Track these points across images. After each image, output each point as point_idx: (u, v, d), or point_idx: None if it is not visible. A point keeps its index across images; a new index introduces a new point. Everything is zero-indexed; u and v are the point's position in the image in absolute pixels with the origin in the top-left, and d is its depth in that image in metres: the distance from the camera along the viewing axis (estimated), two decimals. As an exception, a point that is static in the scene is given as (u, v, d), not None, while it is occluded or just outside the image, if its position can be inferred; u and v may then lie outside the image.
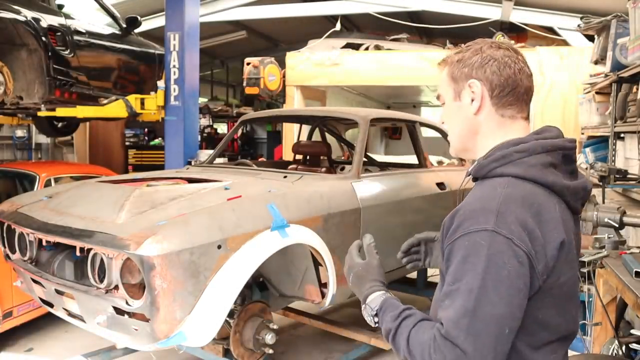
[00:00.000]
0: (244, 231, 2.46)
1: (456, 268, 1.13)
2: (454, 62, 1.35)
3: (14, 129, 7.87)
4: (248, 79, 7.13)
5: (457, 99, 1.33)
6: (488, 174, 1.23)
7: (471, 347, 1.05)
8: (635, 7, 3.38)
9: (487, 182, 1.23)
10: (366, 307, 1.28)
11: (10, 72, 4.31)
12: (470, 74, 1.30)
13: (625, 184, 3.59)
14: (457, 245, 1.14)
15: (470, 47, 1.36)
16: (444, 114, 1.39)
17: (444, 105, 1.39)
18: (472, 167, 1.29)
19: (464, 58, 1.33)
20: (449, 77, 1.34)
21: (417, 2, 7.17)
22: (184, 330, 2.27)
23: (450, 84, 1.34)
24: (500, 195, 1.15)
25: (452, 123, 1.36)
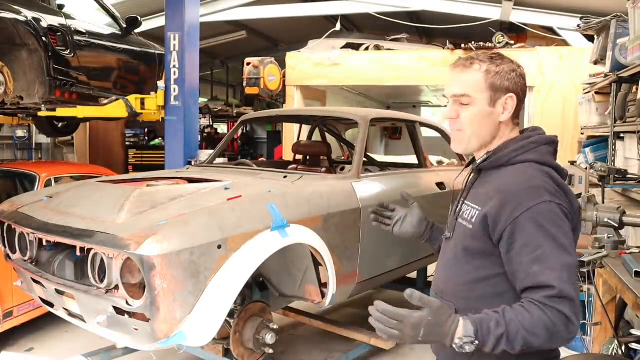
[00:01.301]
0: (244, 231, 2.46)
1: (532, 237, 1.35)
2: (493, 72, 1.50)
3: (15, 129, 7.87)
4: (248, 79, 7.14)
5: (492, 105, 1.51)
6: (509, 161, 1.50)
7: (574, 293, 1.32)
8: (635, 7, 3.38)
9: (511, 168, 1.48)
10: (462, 341, 1.28)
11: (11, 72, 4.31)
12: (509, 88, 1.50)
13: (624, 184, 3.60)
14: (523, 220, 1.36)
15: (503, 59, 1.52)
16: (468, 114, 1.51)
17: (466, 105, 1.51)
18: (483, 159, 1.55)
19: (504, 71, 1.50)
20: (487, 84, 1.49)
21: (417, 2, 7.17)
22: (184, 330, 2.27)
23: (487, 91, 1.50)
24: (536, 175, 1.44)
25: (477, 124, 1.52)
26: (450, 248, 1.60)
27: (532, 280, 1.33)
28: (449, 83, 1.56)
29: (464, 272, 1.52)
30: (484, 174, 1.57)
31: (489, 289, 1.47)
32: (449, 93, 1.55)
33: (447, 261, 1.61)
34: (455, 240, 1.58)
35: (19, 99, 4.48)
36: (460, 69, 1.53)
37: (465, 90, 1.50)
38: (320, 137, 4.90)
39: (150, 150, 9.96)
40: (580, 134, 5.77)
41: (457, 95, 1.52)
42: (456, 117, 1.53)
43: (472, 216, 1.50)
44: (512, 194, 1.41)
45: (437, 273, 1.67)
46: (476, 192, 1.56)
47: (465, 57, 1.56)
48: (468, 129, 1.52)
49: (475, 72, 1.51)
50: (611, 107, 4.05)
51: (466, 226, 1.52)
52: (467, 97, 1.50)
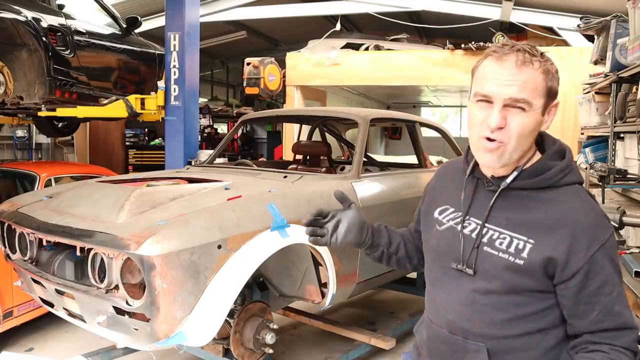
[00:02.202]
0: (244, 231, 2.46)
1: (610, 275, 1.23)
2: (551, 73, 1.25)
3: (15, 129, 7.87)
4: (248, 79, 7.14)
5: (543, 114, 1.27)
6: (556, 183, 1.29)
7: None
8: (635, 7, 3.38)
9: (560, 192, 1.29)
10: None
11: (11, 72, 4.31)
12: (557, 92, 1.29)
13: (624, 184, 3.60)
14: (599, 257, 1.21)
15: (549, 59, 1.28)
16: (521, 124, 1.22)
17: (519, 112, 1.22)
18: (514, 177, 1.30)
19: (556, 72, 1.28)
20: (545, 87, 1.24)
21: (417, 2, 7.17)
22: (184, 330, 2.27)
23: (544, 97, 1.25)
24: (592, 202, 1.30)
25: (526, 136, 1.25)
26: (469, 281, 1.33)
27: (615, 322, 1.23)
28: (497, 79, 1.22)
29: (500, 310, 1.28)
30: (514, 195, 1.31)
31: (533, 325, 1.28)
32: (501, 94, 1.21)
33: (466, 295, 1.32)
34: (484, 274, 1.30)
35: (19, 99, 4.48)
36: (518, 64, 1.21)
37: (526, 95, 1.20)
38: (320, 137, 4.90)
39: (150, 150, 9.97)
40: (580, 134, 5.77)
41: (514, 99, 1.20)
42: (504, 125, 1.21)
43: (518, 248, 1.25)
44: (583, 227, 1.22)
45: (447, 307, 1.37)
46: (512, 217, 1.29)
47: (516, 48, 1.24)
48: (514, 142, 1.23)
49: (535, 72, 1.22)
50: (611, 107, 4.05)
51: (507, 259, 1.25)
52: (525, 103, 1.20)
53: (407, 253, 1.65)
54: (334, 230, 1.50)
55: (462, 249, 1.33)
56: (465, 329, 1.32)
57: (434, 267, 1.45)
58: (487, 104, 1.23)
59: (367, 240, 1.56)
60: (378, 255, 1.62)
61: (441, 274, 1.40)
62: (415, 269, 1.70)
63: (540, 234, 1.24)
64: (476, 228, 1.33)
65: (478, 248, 1.31)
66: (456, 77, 6.75)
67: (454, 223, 1.40)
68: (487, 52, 1.28)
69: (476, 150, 1.29)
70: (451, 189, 1.46)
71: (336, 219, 1.51)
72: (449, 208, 1.44)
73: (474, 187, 1.39)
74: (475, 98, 1.26)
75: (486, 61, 1.26)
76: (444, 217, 1.43)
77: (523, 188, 1.29)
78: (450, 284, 1.36)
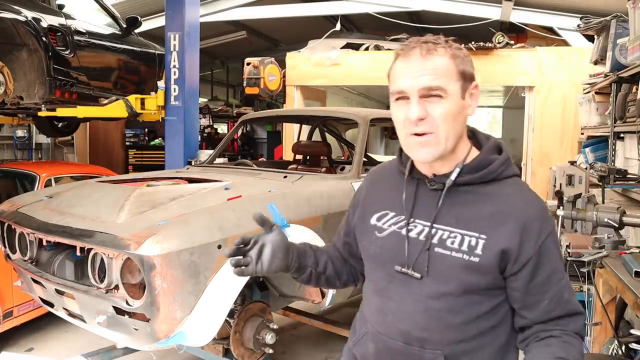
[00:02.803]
0: (244, 231, 2.46)
1: (557, 263, 1.26)
2: (459, 56, 1.25)
3: (15, 129, 7.87)
4: (248, 79, 7.13)
5: (463, 97, 1.26)
6: (498, 176, 1.30)
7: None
8: (635, 7, 3.38)
9: (503, 185, 1.30)
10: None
11: (11, 72, 4.31)
12: (473, 75, 1.28)
13: (624, 184, 3.60)
14: (548, 244, 1.24)
15: (458, 45, 1.28)
16: (442, 111, 1.22)
17: (437, 99, 1.22)
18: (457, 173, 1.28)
19: (466, 56, 1.27)
20: (457, 71, 1.24)
21: (417, 2, 7.17)
22: (184, 330, 2.27)
23: (459, 80, 1.24)
24: (533, 192, 1.31)
25: (452, 123, 1.23)
26: (420, 286, 1.28)
27: (565, 309, 1.25)
28: (408, 74, 1.22)
29: (456, 312, 1.26)
30: (459, 192, 1.29)
31: (485, 324, 1.27)
32: (414, 87, 1.21)
33: (419, 302, 1.28)
34: (434, 276, 1.26)
35: (19, 99, 4.48)
36: (424, 54, 1.22)
37: (439, 81, 1.20)
38: (320, 137, 4.90)
39: (150, 150, 9.96)
40: (580, 134, 5.77)
41: (428, 88, 1.20)
42: (426, 115, 1.21)
43: (471, 245, 1.23)
44: (531, 218, 1.24)
45: (399, 317, 1.31)
46: (461, 215, 1.27)
47: (420, 41, 1.25)
48: (442, 129, 1.22)
49: (442, 58, 1.22)
50: (611, 107, 4.05)
51: (461, 258, 1.23)
52: (440, 90, 1.21)
53: (335, 270, 1.56)
54: (259, 257, 1.38)
55: (407, 252, 1.29)
56: (422, 338, 1.28)
57: (378, 276, 1.37)
58: (405, 101, 1.24)
59: (293, 263, 1.45)
60: (306, 277, 1.51)
61: (387, 282, 1.34)
62: (345, 285, 1.61)
63: (491, 228, 1.23)
64: (424, 230, 1.29)
65: (429, 250, 1.27)
66: (476, 79, 6.75)
67: (397, 228, 1.34)
68: (394, 55, 1.29)
69: (409, 149, 1.28)
70: (388, 193, 1.41)
71: (259, 244, 1.38)
72: (388, 213, 1.38)
73: (414, 189, 1.35)
74: (393, 97, 1.27)
75: (396, 62, 1.27)
76: (385, 222, 1.37)
77: (467, 183, 1.28)
78: (399, 292, 1.31)
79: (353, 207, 1.55)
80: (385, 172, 1.50)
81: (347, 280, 1.59)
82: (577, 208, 2.80)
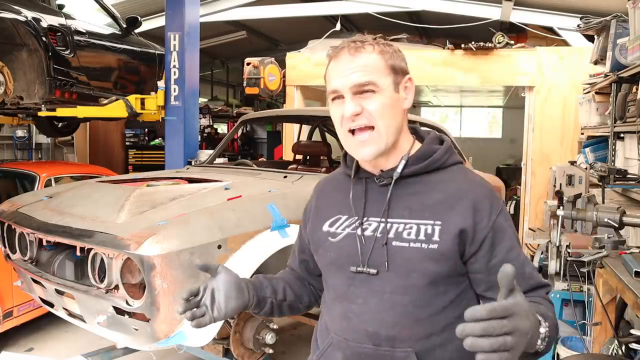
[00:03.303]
0: (244, 231, 2.46)
1: (512, 240, 1.27)
2: (388, 52, 1.28)
3: (15, 129, 7.86)
4: (248, 79, 7.13)
5: (397, 91, 1.28)
6: (443, 164, 1.32)
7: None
8: (635, 7, 3.38)
9: (448, 172, 1.32)
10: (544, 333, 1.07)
11: (11, 72, 4.31)
12: (405, 69, 1.31)
13: (625, 184, 3.60)
14: (500, 223, 1.26)
15: (388, 42, 1.31)
16: (377, 104, 1.24)
17: (370, 94, 1.24)
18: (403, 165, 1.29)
19: (395, 51, 1.30)
20: (387, 66, 1.26)
21: (417, 2, 7.16)
22: (184, 330, 2.27)
23: (390, 75, 1.26)
24: (478, 175, 1.35)
25: (389, 116, 1.26)
26: (383, 283, 1.25)
27: (529, 284, 1.26)
28: (338, 73, 1.25)
29: (423, 305, 1.24)
30: (407, 184, 1.30)
31: (452, 313, 1.25)
32: (346, 84, 1.23)
33: (384, 299, 1.25)
34: (396, 270, 1.24)
35: (19, 99, 4.48)
36: (352, 53, 1.25)
37: (369, 77, 1.23)
38: (320, 137, 4.90)
39: (150, 150, 9.96)
40: (580, 134, 5.77)
41: (359, 85, 1.22)
42: (361, 110, 1.23)
43: (427, 233, 1.23)
44: (481, 197, 1.26)
45: (365, 319, 1.27)
46: (412, 205, 1.27)
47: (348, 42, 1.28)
48: (380, 123, 1.24)
49: (371, 54, 1.25)
50: (611, 107, 4.05)
51: (420, 247, 1.22)
52: (371, 84, 1.23)
53: (295, 295, 1.51)
54: (212, 303, 1.30)
55: (360, 251, 1.28)
56: (391, 337, 1.24)
57: (336, 281, 1.35)
58: (340, 100, 1.26)
59: (251, 298, 1.38)
60: (268, 310, 1.44)
61: (347, 285, 1.30)
62: (308, 307, 1.56)
63: (444, 213, 1.24)
64: (379, 226, 1.28)
65: (387, 245, 1.25)
66: (456, 77, 6.75)
67: (350, 229, 1.33)
68: (327, 57, 1.32)
69: (351, 149, 1.29)
70: (337, 199, 1.39)
71: (209, 290, 1.30)
72: (340, 217, 1.36)
73: (364, 188, 1.34)
74: (329, 98, 1.29)
75: (329, 64, 1.31)
76: (337, 227, 1.36)
77: (414, 174, 1.30)
78: (362, 293, 1.28)
79: (304, 222, 1.51)
80: (331, 181, 1.50)
81: (309, 302, 1.56)
82: (577, 208, 2.81)
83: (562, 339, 3.20)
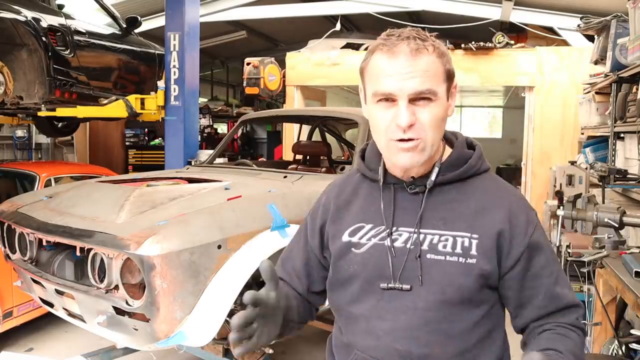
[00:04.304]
0: (244, 231, 2.46)
1: (548, 256, 1.21)
2: (446, 54, 1.16)
3: (14, 129, 7.86)
4: (248, 79, 7.13)
5: (448, 99, 1.18)
6: (477, 171, 1.26)
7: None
8: (635, 7, 3.38)
9: (478, 180, 1.26)
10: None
11: (11, 72, 4.31)
12: (454, 73, 1.20)
13: (625, 184, 3.60)
14: (537, 237, 1.20)
15: (440, 41, 1.18)
16: (431, 116, 1.13)
17: (426, 103, 1.12)
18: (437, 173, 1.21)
19: (448, 52, 1.18)
20: (444, 71, 1.15)
21: (417, 2, 7.17)
22: (184, 330, 2.27)
23: (445, 81, 1.15)
24: (510, 185, 1.30)
25: (439, 127, 1.16)
26: (415, 299, 1.17)
27: (559, 304, 1.19)
28: (395, 74, 1.10)
29: (456, 321, 1.16)
30: (440, 192, 1.21)
31: (483, 329, 1.19)
32: (403, 90, 1.10)
33: (417, 316, 1.16)
34: (430, 285, 1.16)
35: (19, 99, 4.48)
36: (413, 53, 1.10)
37: (430, 84, 1.11)
38: (320, 137, 4.90)
39: (150, 150, 9.95)
40: (580, 134, 5.77)
41: (419, 92, 1.10)
42: (415, 121, 1.11)
43: (464, 247, 1.15)
44: (518, 206, 1.21)
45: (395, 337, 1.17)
46: (448, 215, 1.19)
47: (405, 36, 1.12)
48: (430, 134, 1.13)
49: (431, 57, 1.12)
50: (611, 107, 4.05)
51: (457, 261, 1.15)
52: (431, 93, 1.11)
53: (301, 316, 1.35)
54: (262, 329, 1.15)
55: (392, 265, 1.18)
56: (424, 355, 1.16)
57: (361, 297, 1.22)
58: (390, 103, 1.12)
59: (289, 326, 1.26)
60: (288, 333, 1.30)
61: (376, 300, 1.20)
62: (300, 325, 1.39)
63: (480, 224, 1.17)
64: (410, 237, 1.18)
65: (420, 258, 1.16)
66: (456, 77, 6.70)
67: (377, 240, 1.22)
68: (372, 48, 1.16)
69: (391, 154, 1.16)
70: (358, 205, 1.29)
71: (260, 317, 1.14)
72: (363, 226, 1.25)
73: (392, 196, 1.23)
74: (375, 98, 1.14)
75: (375, 56, 1.14)
76: (361, 237, 1.24)
77: (449, 182, 1.21)
78: (391, 309, 1.17)
79: (311, 231, 1.37)
80: (347, 185, 1.36)
81: (305, 319, 1.40)
82: (577, 208, 2.80)
83: (562, 339, 3.20)
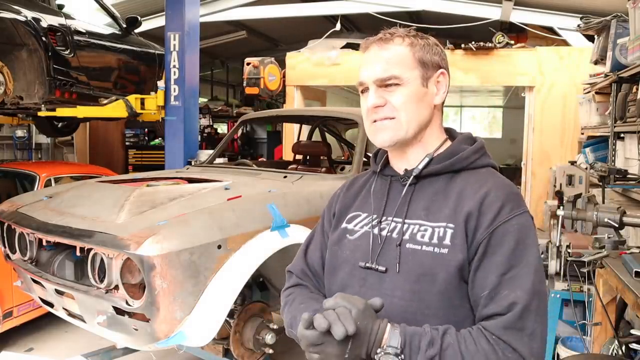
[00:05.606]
0: (244, 231, 2.46)
1: (510, 254, 1.11)
2: (419, 45, 1.25)
3: (14, 129, 7.87)
4: (248, 79, 7.13)
5: (425, 85, 1.25)
6: (470, 165, 1.25)
7: (540, 327, 1.08)
8: (635, 7, 3.38)
9: (472, 173, 1.24)
10: (384, 350, 1.05)
11: (11, 72, 4.31)
12: (439, 63, 1.27)
13: (625, 184, 3.59)
14: (507, 229, 1.13)
15: (422, 35, 1.28)
16: (401, 96, 1.21)
17: (394, 87, 1.22)
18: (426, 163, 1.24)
19: (428, 44, 1.26)
20: (415, 59, 1.23)
21: (417, 2, 7.17)
22: (184, 330, 2.27)
23: (418, 68, 1.24)
24: (509, 181, 1.24)
25: (413, 108, 1.22)
26: (391, 285, 1.18)
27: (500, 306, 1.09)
28: (365, 66, 1.25)
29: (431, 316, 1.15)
30: (430, 184, 1.25)
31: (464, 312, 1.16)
32: (370, 77, 1.23)
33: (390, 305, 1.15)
34: (406, 274, 1.17)
35: (19, 99, 4.48)
36: (380, 45, 1.24)
37: (392, 71, 1.21)
38: (320, 137, 4.90)
39: (150, 150, 9.96)
40: (580, 134, 5.77)
41: (381, 79, 1.22)
42: (384, 103, 1.22)
43: (439, 237, 1.16)
44: (493, 196, 1.16)
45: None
46: (431, 207, 1.21)
47: (379, 35, 1.26)
48: (403, 114, 1.22)
49: (399, 47, 1.23)
50: (611, 107, 4.05)
51: (431, 251, 1.15)
52: (395, 78, 1.21)
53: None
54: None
55: (371, 249, 1.22)
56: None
57: (348, 282, 1.26)
58: (368, 92, 1.26)
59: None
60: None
61: (359, 286, 1.23)
62: None
63: (457, 213, 1.17)
64: (396, 227, 1.22)
65: (400, 246, 1.19)
66: (456, 77, 6.75)
67: (368, 228, 1.27)
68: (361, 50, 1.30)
69: (371, 135, 1.27)
70: (359, 196, 1.36)
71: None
72: (360, 214, 1.32)
73: (387, 187, 1.30)
74: (359, 90, 1.29)
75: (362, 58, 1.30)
76: (356, 224, 1.31)
77: (437, 173, 1.24)
78: (372, 295, 1.14)
79: (327, 222, 1.41)
80: (359, 179, 1.43)
81: None
82: (577, 208, 2.81)
83: (563, 339, 3.20)
